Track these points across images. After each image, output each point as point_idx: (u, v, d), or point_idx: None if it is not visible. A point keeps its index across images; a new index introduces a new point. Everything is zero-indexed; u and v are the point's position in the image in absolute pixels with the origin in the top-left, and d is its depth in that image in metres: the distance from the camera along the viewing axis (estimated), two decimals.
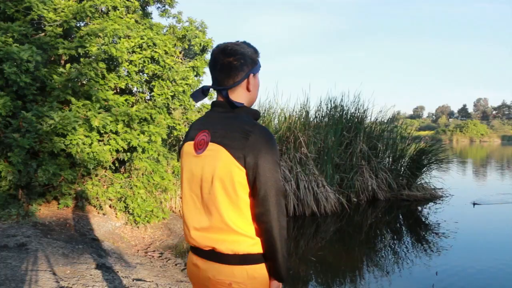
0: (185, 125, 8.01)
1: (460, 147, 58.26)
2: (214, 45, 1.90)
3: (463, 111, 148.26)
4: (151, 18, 8.70)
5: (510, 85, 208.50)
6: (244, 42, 1.86)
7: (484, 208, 10.53)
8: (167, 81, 7.48)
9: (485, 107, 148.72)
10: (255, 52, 1.86)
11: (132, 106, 7.14)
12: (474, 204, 10.86)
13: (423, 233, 8.48)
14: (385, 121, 12.89)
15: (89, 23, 7.02)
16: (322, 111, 11.80)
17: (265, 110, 11.01)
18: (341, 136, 11.17)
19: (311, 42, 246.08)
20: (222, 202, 1.70)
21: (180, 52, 8.24)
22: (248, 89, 1.85)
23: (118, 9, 7.36)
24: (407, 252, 7.07)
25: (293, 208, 9.18)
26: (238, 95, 1.83)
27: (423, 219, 9.80)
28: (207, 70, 7.56)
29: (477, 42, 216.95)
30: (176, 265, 5.75)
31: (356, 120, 11.89)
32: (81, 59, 6.48)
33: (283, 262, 1.74)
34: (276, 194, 1.70)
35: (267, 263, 1.75)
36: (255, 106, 10.59)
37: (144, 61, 7.23)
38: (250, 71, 1.83)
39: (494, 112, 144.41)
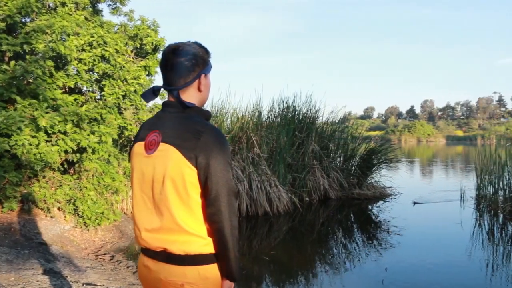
0: (136, 125, 7.88)
1: (408, 147, 60.02)
2: (167, 45, 1.89)
3: (411, 112, 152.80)
4: (102, 15, 8.50)
5: (454, 87, 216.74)
6: (195, 43, 1.87)
7: (428, 206, 10.87)
8: (118, 80, 7.34)
9: (431, 108, 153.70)
10: (206, 52, 1.87)
11: (81, 106, 6.95)
12: (414, 203, 11.09)
13: (373, 230, 8.68)
14: (337, 121, 13.14)
15: (35, 19, 6.79)
16: (275, 112, 11.89)
17: (217, 110, 10.98)
18: (293, 136, 11.28)
19: (266, 43, 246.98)
20: (173, 202, 1.69)
21: (131, 51, 8.09)
22: (199, 90, 1.85)
23: (67, 5, 7.15)
24: (358, 249, 7.22)
25: (246, 208, 9.20)
26: (189, 96, 1.83)
27: (373, 217, 10.03)
28: (159, 69, 7.46)
29: (423, 45, 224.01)
30: (127, 267, 5.64)
31: (308, 120, 12.04)
32: (27, 56, 6.24)
33: (235, 262, 1.74)
34: (228, 194, 1.71)
35: (219, 263, 1.75)
36: (207, 106, 10.59)
37: (94, 60, 7.05)
38: (201, 72, 1.83)
39: (439, 113, 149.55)
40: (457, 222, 9.11)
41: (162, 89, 1.87)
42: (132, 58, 8.05)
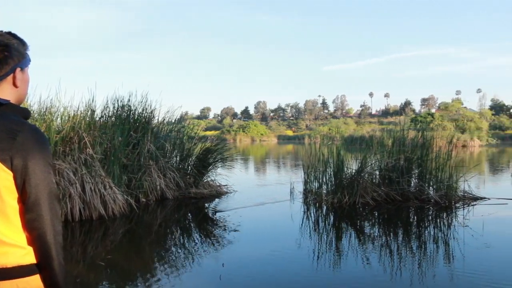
0: None
1: (243, 146, 62.55)
2: None
3: (245, 113, 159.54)
4: None
5: (285, 89, 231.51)
6: (9, 33, 1.70)
7: (264, 202, 11.43)
8: None
9: (264, 109, 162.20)
10: (23, 44, 1.72)
11: None
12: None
13: (211, 228, 8.87)
14: (173, 121, 13.15)
15: None
16: (109, 111, 11.48)
17: (46, 109, 10.24)
18: (129, 136, 11.02)
19: (102, 39, 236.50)
20: None
21: None
22: (15, 85, 1.70)
23: None
24: (197, 247, 7.31)
25: (79, 212, 8.73)
26: (3, 92, 1.66)
27: (210, 215, 10.23)
28: None
29: (257, 49, 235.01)
30: None
31: (144, 120, 11.85)
32: None
33: (60, 270, 1.63)
34: (49, 197, 1.59)
35: (42, 274, 1.62)
36: (35, 104, 9.83)
37: None
38: (16, 65, 1.68)
39: (271, 114, 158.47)
40: (288, 216, 9.73)
41: None
42: None
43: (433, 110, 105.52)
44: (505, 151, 46.93)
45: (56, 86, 15.62)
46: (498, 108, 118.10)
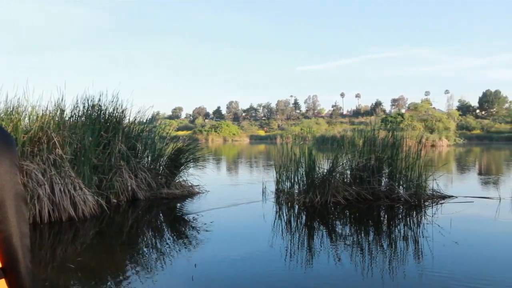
0: None
1: (215, 146, 62.42)
2: None
3: (217, 113, 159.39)
4: None
5: (257, 89, 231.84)
6: None
7: (235, 202, 11.42)
8: None
9: (236, 109, 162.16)
10: None
11: None
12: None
13: (183, 228, 8.81)
14: (144, 121, 13.02)
15: None
16: (79, 110, 11.30)
17: (13, 108, 10.01)
18: (99, 136, 10.87)
19: (74, 38, 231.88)
20: None
21: None
22: None
23: None
24: (168, 248, 7.25)
25: (48, 214, 8.57)
26: None
27: (182, 215, 10.18)
28: None
29: (230, 48, 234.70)
30: None
31: (115, 120, 11.71)
32: None
33: (27, 274, 1.55)
34: (15, 199, 1.51)
35: (7, 278, 1.54)
36: (0, 104, 9.61)
37: None
38: None
39: (243, 114, 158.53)
40: (260, 216, 9.73)
41: None
42: None
43: (403, 111, 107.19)
44: (471, 150, 48.07)
45: (24, 85, 15.27)
46: (465, 108, 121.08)
